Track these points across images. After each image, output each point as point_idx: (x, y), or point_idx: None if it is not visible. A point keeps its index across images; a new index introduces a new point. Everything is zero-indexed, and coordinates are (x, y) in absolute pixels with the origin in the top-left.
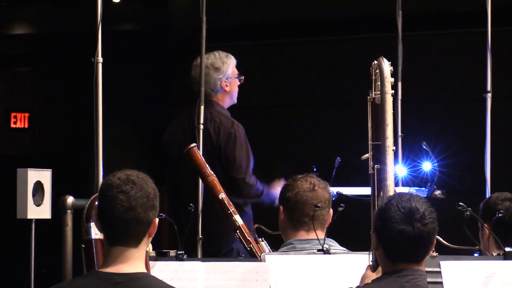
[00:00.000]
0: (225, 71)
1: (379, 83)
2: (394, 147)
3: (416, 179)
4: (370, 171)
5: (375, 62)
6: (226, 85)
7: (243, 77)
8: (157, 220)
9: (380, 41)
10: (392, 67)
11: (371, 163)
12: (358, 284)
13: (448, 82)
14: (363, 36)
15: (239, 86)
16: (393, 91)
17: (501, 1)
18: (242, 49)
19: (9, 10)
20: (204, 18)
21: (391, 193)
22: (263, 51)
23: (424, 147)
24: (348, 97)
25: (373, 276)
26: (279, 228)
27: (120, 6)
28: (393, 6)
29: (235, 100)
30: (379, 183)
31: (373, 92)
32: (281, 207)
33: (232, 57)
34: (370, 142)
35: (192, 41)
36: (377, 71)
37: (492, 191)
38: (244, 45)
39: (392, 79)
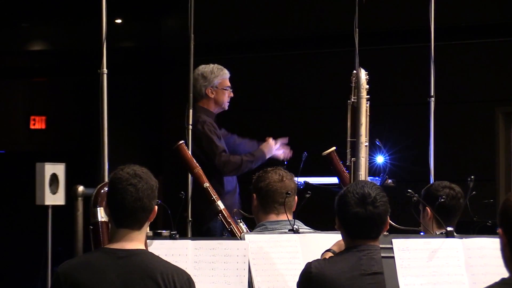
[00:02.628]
0: (211, 80)
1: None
2: (367, 143)
3: (371, 170)
4: (348, 163)
5: (354, 71)
6: (212, 93)
7: (231, 91)
8: (156, 207)
9: (339, 56)
10: (368, 76)
11: (349, 156)
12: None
13: (398, 89)
14: (321, 51)
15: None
16: (368, 96)
17: (441, 21)
18: (225, 62)
19: (28, 30)
20: (192, 36)
21: None
22: (241, 64)
23: (377, 143)
24: (313, 103)
25: (342, 242)
26: (252, 212)
27: (121, 27)
28: (353, 25)
29: (224, 107)
30: (355, 173)
31: (353, 97)
32: (254, 195)
33: (225, 71)
34: (348, 139)
35: (182, 55)
36: (355, 79)
37: (434, 181)
38: (226, 59)
39: (367, 86)
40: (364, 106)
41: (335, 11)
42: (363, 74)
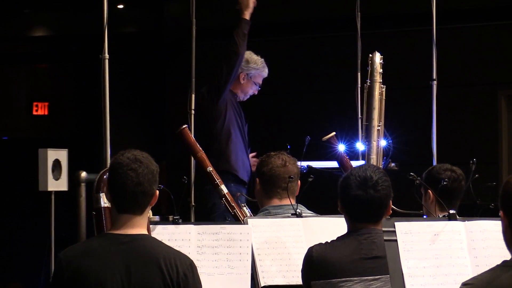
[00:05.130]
0: (249, 67)
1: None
2: (379, 127)
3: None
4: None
5: (370, 55)
6: (243, 78)
7: (258, 90)
8: (157, 192)
9: (342, 40)
10: (382, 61)
11: (364, 140)
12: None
13: (401, 72)
14: (323, 35)
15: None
16: (381, 80)
17: (442, 5)
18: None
19: (31, 15)
20: (194, 21)
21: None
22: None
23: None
24: (316, 87)
25: None
26: (255, 196)
27: (123, 12)
28: (353, 9)
29: (244, 98)
30: (368, 157)
31: (369, 81)
32: (257, 179)
33: (266, 70)
34: (364, 123)
35: (184, 40)
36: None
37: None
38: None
39: (381, 70)
40: (377, 90)
41: None
42: (377, 58)
